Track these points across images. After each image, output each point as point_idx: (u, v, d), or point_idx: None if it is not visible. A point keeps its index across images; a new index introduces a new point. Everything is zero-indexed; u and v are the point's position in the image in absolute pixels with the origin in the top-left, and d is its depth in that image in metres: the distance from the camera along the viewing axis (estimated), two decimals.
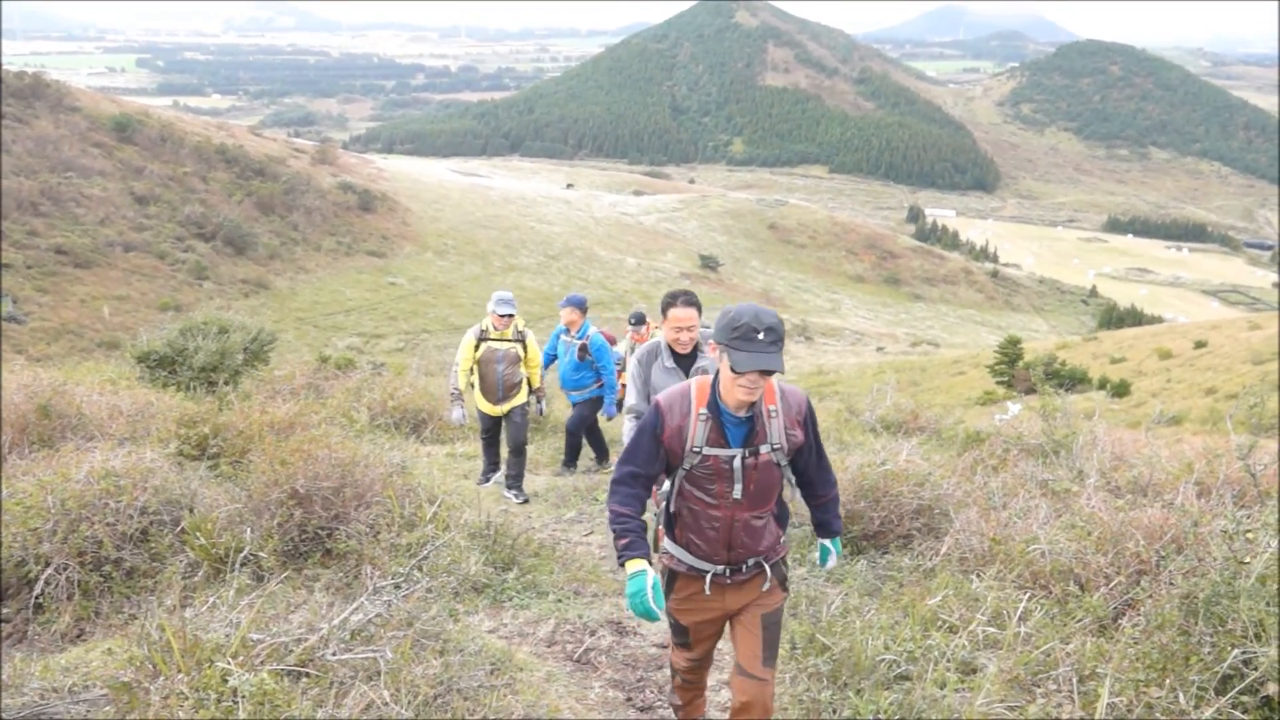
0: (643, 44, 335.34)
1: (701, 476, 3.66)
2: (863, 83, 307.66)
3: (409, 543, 5.43)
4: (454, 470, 9.47)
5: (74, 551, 5.14)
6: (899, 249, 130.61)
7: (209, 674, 3.46)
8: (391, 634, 4.06)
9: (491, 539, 6.07)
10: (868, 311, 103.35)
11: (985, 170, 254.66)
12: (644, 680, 4.88)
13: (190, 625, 3.76)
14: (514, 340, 8.75)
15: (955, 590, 5.17)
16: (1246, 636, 3.75)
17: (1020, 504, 6.29)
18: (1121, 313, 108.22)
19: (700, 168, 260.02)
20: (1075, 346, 57.26)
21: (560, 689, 4.61)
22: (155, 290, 58.54)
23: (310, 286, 68.98)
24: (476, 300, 71.86)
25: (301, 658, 3.76)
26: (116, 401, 8.54)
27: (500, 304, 8.63)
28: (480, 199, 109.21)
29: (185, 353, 10.66)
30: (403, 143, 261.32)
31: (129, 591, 5.20)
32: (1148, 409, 31.79)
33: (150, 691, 3.45)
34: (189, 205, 70.17)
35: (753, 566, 3.80)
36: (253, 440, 7.19)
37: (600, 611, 5.68)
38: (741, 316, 3.42)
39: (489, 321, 8.71)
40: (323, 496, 5.65)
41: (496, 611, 5.53)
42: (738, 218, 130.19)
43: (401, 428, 10.68)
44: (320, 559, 5.53)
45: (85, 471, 5.56)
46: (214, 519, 5.48)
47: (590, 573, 6.28)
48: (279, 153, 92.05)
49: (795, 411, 3.73)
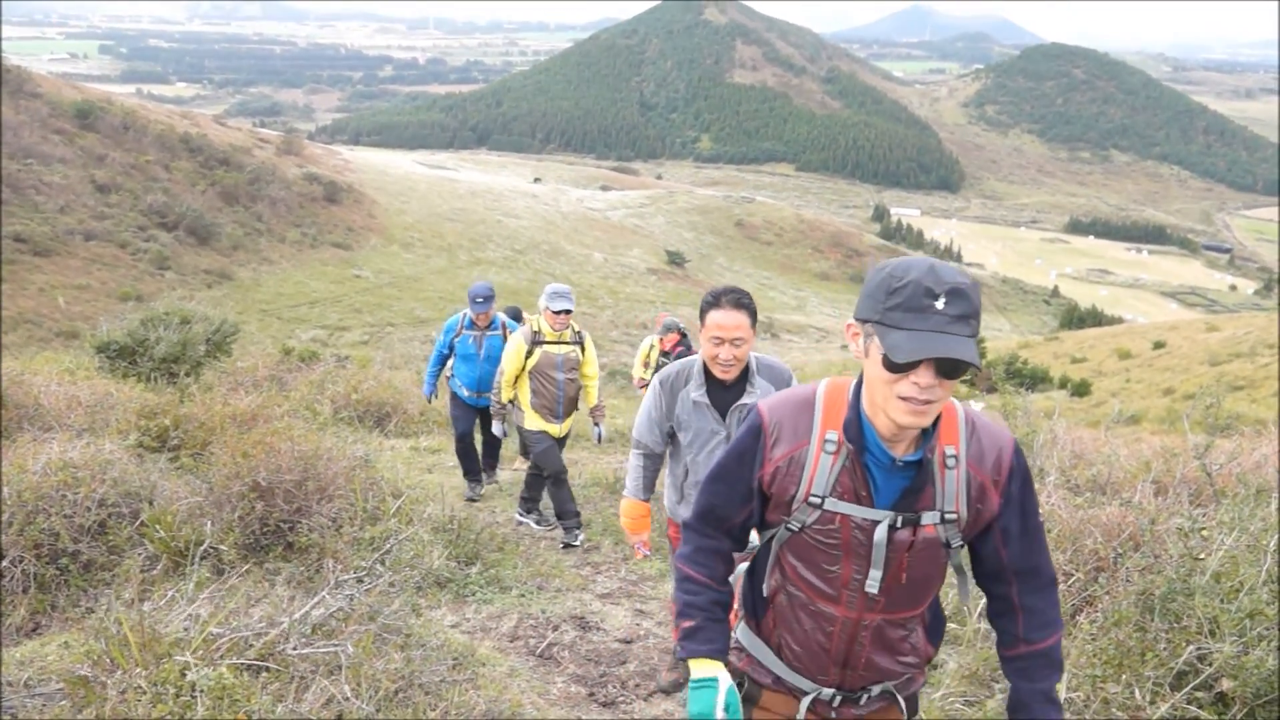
0: (611, 39, 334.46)
1: (816, 546, 2.33)
2: (830, 82, 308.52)
3: (372, 536, 5.41)
4: (418, 464, 9.44)
5: (30, 544, 5.08)
6: (864, 247, 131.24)
7: (167, 668, 3.42)
8: (353, 629, 4.04)
9: (455, 533, 6.05)
10: (833, 309, 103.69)
11: (950, 170, 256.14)
12: (607, 675, 4.88)
13: (149, 619, 3.71)
14: (572, 343, 7.46)
15: None
16: (1201, 633, 3.81)
17: None
18: (1083, 313, 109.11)
19: (668, 164, 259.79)
20: (1037, 346, 57.82)
21: (522, 684, 4.61)
22: (116, 280, 57.77)
23: (274, 278, 68.31)
24: (442, 293, 71.46)
25: (261, 652, 3.72)
26: (75, 392, 8.47)
27: (555, 298, 7.29)
28: (447, 192, 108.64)
29: (146, 343, 10.55)
30: (370, 134, 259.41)
31: (86, 585, 5.15)
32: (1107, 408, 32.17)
33: (107, 686, 3.41)
34: (151, 194, 69.27)
35: (878, 697, 2.49)
36: (214, 432, 7.15)
37: (563, 606, 5.68)
38: (909, 273, 2.06)
39: (540, 321, 7.38)
40: (285, 489, 5.61)
41: (459, 606, 5.52)
42: (705, 214, 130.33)
43: (365, 421, 10.64)
44: (281, 552, 5.48)
45: (42, 463, 5.50)
46: (174, 511, 5.43)
47: (554, 567, 6.29)
48: (244, 142, 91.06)
49: (992, 464, 2.28)
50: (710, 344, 4.03)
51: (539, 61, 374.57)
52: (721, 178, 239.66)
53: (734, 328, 3.97)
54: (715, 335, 3.99)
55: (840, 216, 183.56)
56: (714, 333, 3.99)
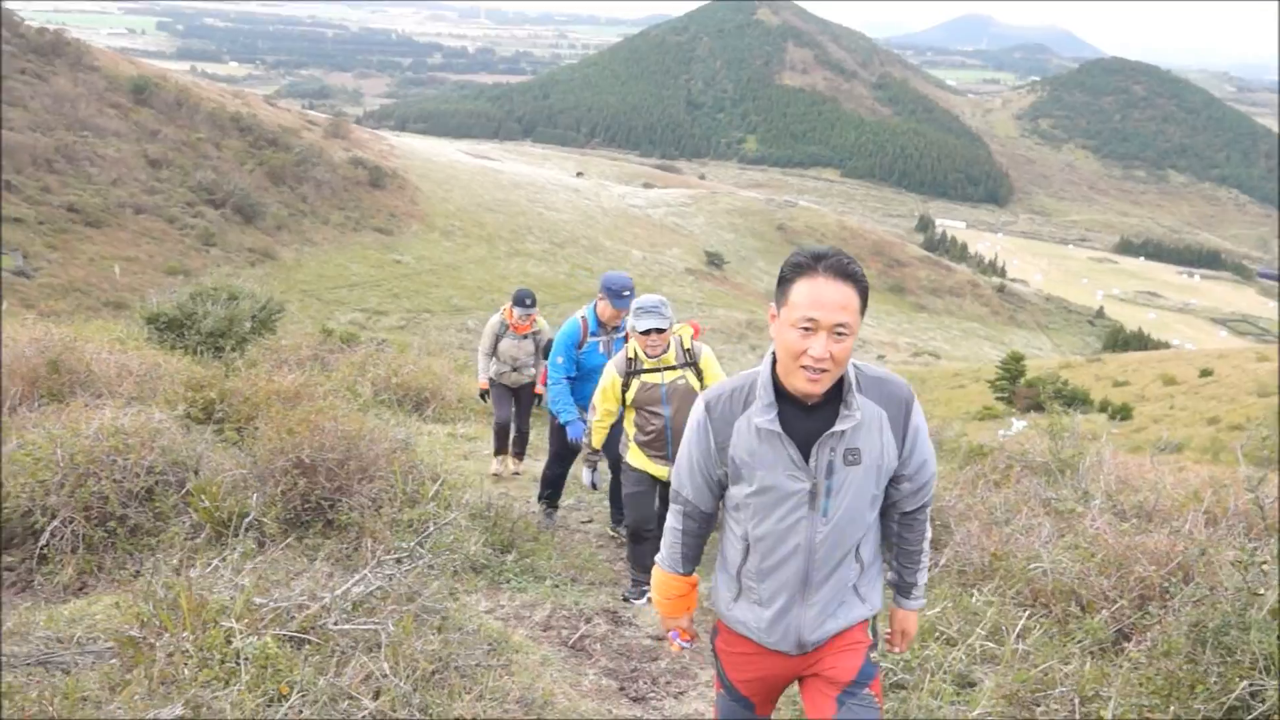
0: (662, 35, 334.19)
1: None
2: (881, 88, 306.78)
3: (410, 519, 5.45)
4: (454, 450, 9.48)
5: (80, 505, 5.19)
6: (906, 258, 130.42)
7: (213, 634, 3.48)
8: (391, 608, 4.07)
9: (492, 521, 6.08)
10: (871, 319, 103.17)
11: (999, 183, 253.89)
12: (638, 671, 4.88)
13: (196, 585, 3.77)
14: (681, 365, 5.83)
15: (954, 603, 5.18)
16: (1255, 668, 3.74)
17: (1023, 521, 6.31)
18: (1128, 335, 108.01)
19: (712, 164, 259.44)
20: (1079, 367, 57.27)
21: (555, 673, 4.62)
22: (163, 253, 58.54)
23: (316, 259, 68.95)
24: (481, 283, 71.82)
25: (303, 625, 3.77)
26: (125, 361, 8.61)
27: (641, 315, 5.68)
28: (490, 182, 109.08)
29: (194, 317, 10.70)
30: (416, 121, 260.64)
31: (132, 549, 5.24)
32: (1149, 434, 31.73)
33: (155, 647, 3.46)
34: (201, 171, 70.12)
35: None
36: (258, 408, 7.22)
37: (596, 600, 5.70)
38: None
39: (635, 347, 5.81)
40: (327, 468, 5.67)
41: (494, 593, 5.55)
42: (746, 216, 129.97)
43: (404, 405, 10.69)
44: (321, 529, 5.55)
45: (95, 428, 5.60)
46: (219, 483, 5.50)
47: (587, 560, 6.30)
48: (293, 124, 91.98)
49: None
50: (793, 335, 2.56)
51: (588, 55, 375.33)
52: (765, 180, 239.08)
53: (837, 307, 2.52)
54: (805, 319, 2.53)
55: (884, 225, 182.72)
56: (803, 315, 2.54)
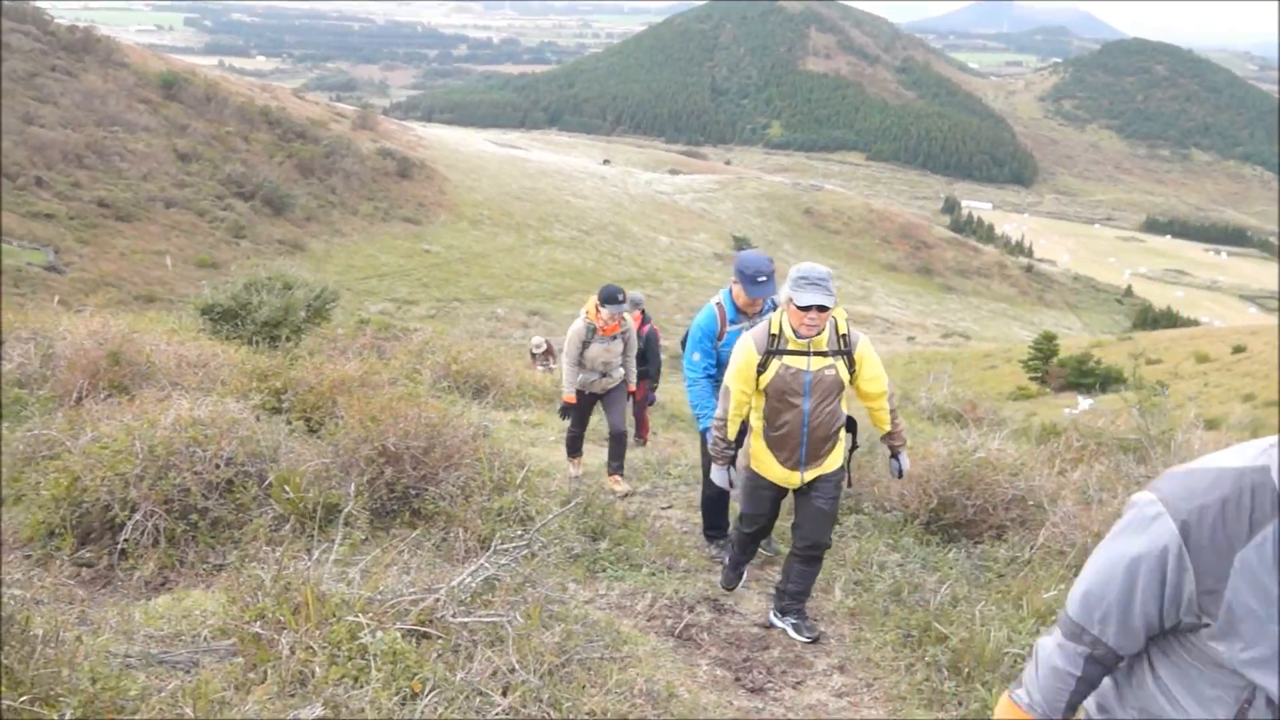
0: (685, 23, 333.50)
1: None
2: (904, 72, 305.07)
3: (500, 506, 5.32)
4: (519, 437, 9.34)
5: (160, 499, 5.06)
6: (933, 239, 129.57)
7: (337, 629, 3.34)
8: (507, 599, 3.92)
9: (582, 508, 5.93)
10: (899, 301, 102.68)
11: (1024, 164, 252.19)
12: (751, 660, 4.74)
13: (310, 580, 3.63)
14: (833, 353, 4.82)
15: (1069, 584, 5.02)
16: None
17: (1120, 500, 6.14)
18: (1157, 314, 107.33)
19: (737, 149, 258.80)
20: (1110, 345, 56.69)
21: (669, 665, 4.48)
22: (194, 246, 58.80)
23: (345, 250, 69.11)
24: (510, 271, 71.86)
25: (420, 618, 3.62)
26: (183, 352, 8.50)
27: (804, 287, 4.60)
28: (517, 171, 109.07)
29: (249, 307, 10.60)
30: (443, 112, 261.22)
31: (214, 542, 5.12)
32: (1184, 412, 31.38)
33: (280, 644, 3.32)
34: (230, 164, 70.42)
35: None
36: (323, 396, 7.11)
37: (695, 587, 5.54)
38: None
39: (783, 321, 4.79)
40: (412, 455, 5.55)
41: (591, 582, 5.42)
42: (773, 200, 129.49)
43: (464, 392, 10.56)
44: (408, 519, 5.42)
45: (172, 419, 5.47)
46: (301, 473, 5.37)
47: (679, 547, 6.13)
48: (320, 116, 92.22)
49: None
50: None
51: (612, 44, 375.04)
52: (791, 164, 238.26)
53: None
54: None
55: (910, 207, 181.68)
56: None
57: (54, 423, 6.01)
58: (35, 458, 5.68)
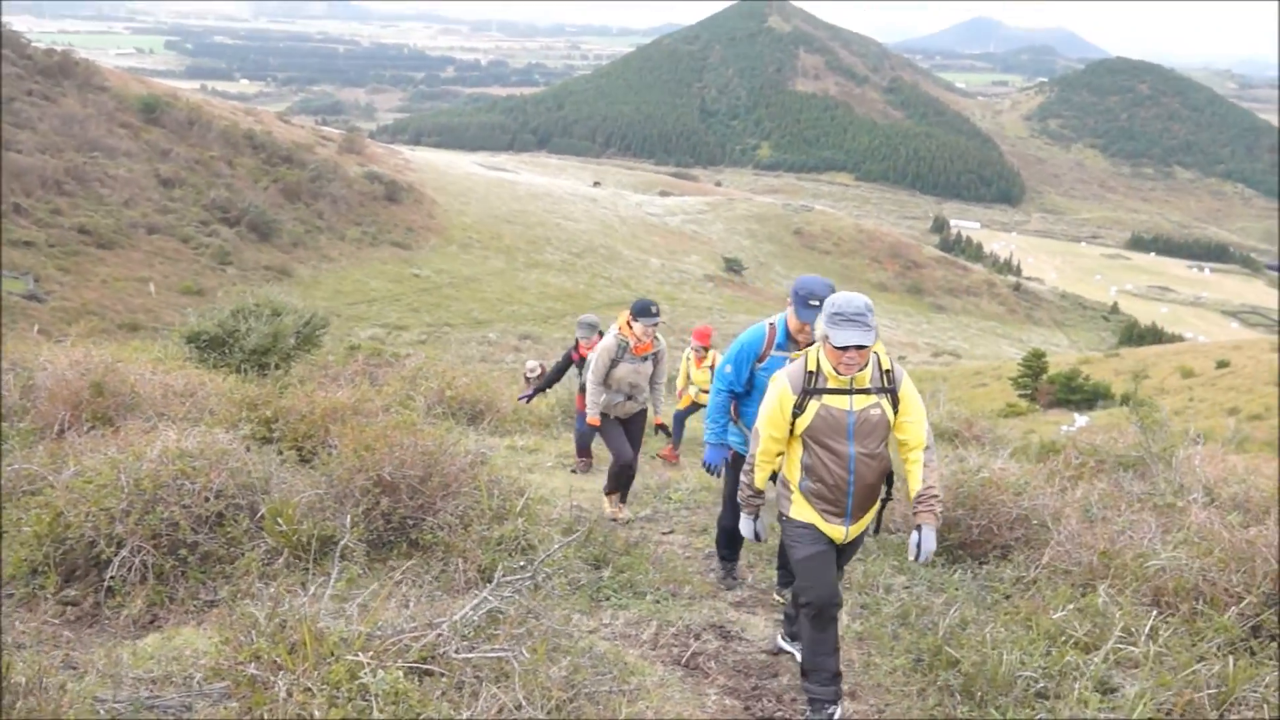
0: (674, 45, 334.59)
1: None
2: (892, 92, 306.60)
3: (500, 536, 5.19)
4: (516, 463, 9.21)
5: (148, 534, 4.93)
6: (923, 259, 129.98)
7: (336, 669, 3.19)
8: (511, 632, 3.79)
9: (583, 536, 5.80)
10: (890, 320, 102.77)
11: (1011, 183, 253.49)
12: (760, 689, 4.64)
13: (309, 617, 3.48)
14: (877, 390, 4.41)
15: (1078, 605, 4.96)
16: None
17: (1124, 517, 6.12)
18: (1143, 330, 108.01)
19: (727, 170, 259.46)
20: (1097, 362, 57.00)
21: (677, 696, 4.36)
22: (178, 274, 58.42)
23: (334, 275, 68.85)
24: (500, 295, 71.69)
25: (422, 654, 3.49)
26: (169, 381, 8.34)
27: (844, 325, 4.23)
28: (506, 194, 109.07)
29: (237, 334, 10.45)
30: (430, 135, 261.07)
31: (204, 577, 4.98)
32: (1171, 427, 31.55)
33: (276, 686, 3.17)
34: (214, 189, 70.04)
35: None
36: (315, 425, 6.96)
37: (700, 614, 5.43)
38: None
39: (820, 356, 4.41)
40: (409, 485, 5.42)
41: (595, 611, 5.29)
42: (763, 222, 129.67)
43: (458, 418, 10.42)
44: (405, 549, 5.28)
45: (158, 451, 5.33)
46: (294, 504, 5.23)
47: (683, 573, 6.01)
48: (306, 140, 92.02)
49: None
50: None
51: (600, 65, 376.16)
52: (781, 185, 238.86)
53: None
54: None
55: (899, 227, 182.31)
56: None
57: (35, 456, 5.87)
58: (16, 493, 5.52)
